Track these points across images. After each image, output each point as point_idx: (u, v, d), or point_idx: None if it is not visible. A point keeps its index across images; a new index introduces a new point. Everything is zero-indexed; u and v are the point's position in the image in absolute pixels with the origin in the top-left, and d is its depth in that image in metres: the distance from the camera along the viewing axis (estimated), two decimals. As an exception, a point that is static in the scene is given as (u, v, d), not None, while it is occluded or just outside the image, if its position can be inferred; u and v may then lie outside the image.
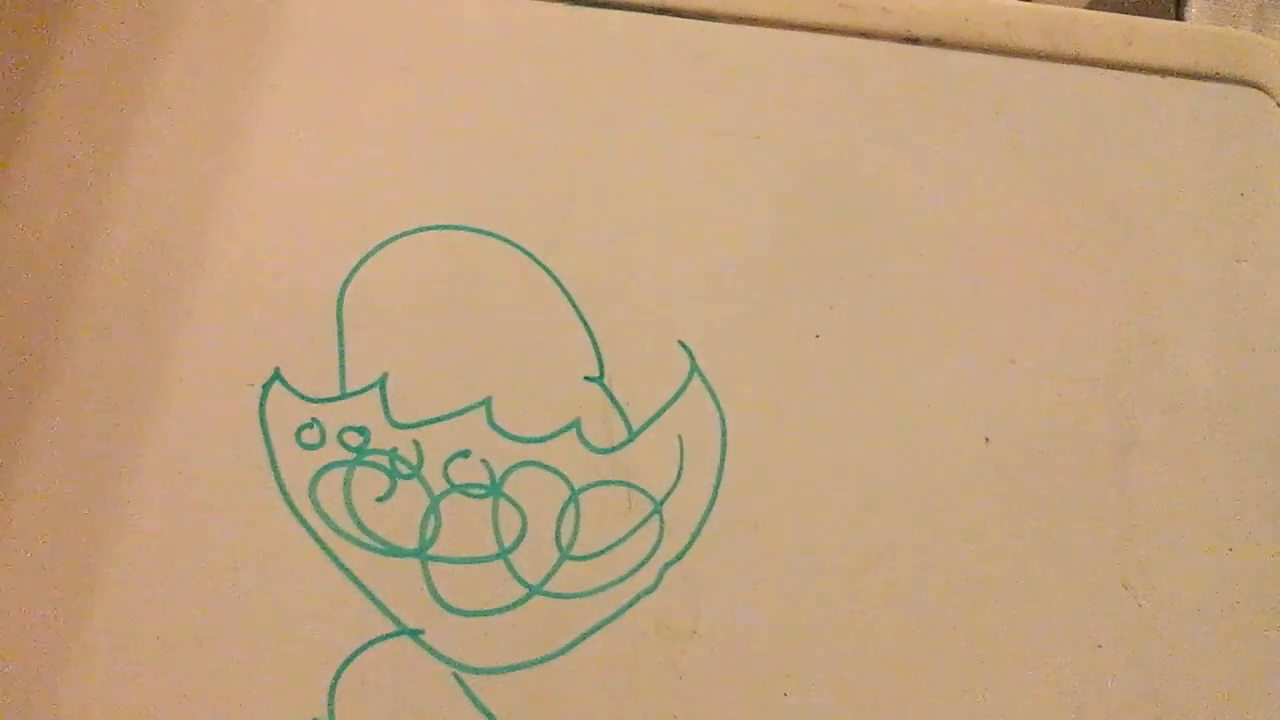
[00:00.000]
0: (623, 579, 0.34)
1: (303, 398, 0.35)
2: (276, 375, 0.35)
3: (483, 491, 0.34)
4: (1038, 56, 0.43)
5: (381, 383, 0.35)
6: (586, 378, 0.36)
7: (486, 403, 0.36)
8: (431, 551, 0.34)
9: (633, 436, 0.36)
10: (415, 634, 0.33)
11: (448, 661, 0.32)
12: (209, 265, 0.36)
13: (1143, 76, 0.43)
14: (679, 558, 0.34)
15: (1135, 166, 0.42)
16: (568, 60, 0.40)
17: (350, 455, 0.34)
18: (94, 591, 0.32)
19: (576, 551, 0.34)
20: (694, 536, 0.35)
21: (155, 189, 0.37)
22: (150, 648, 0.32)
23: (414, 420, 0.35)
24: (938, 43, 0.43)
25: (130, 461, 0.34)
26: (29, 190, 0.37)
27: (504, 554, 0.34)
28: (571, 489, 0.35)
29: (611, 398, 0.36)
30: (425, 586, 0.33)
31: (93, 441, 0.34)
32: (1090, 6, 0.52)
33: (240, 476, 0.34)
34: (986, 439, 0.37)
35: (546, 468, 0.35)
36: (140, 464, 0.34)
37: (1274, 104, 0.43)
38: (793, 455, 0.36)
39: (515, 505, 0.34)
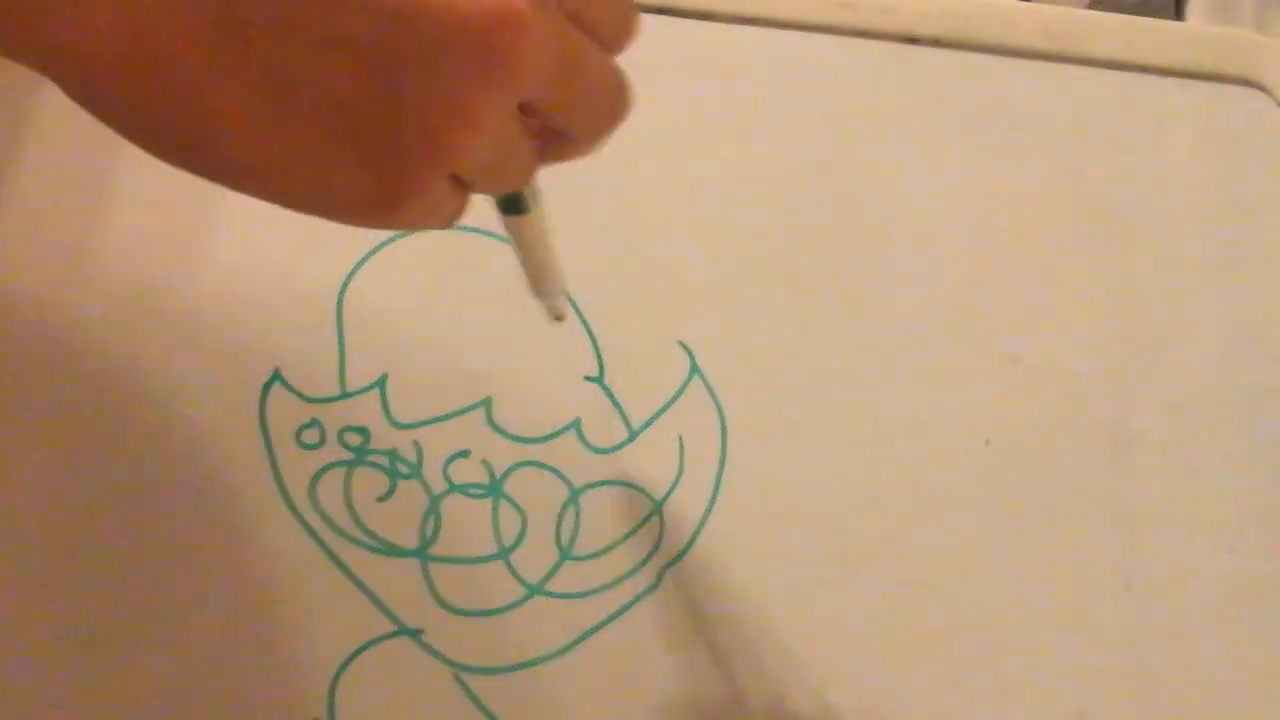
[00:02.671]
0: (623, 579, 0.34)
1: (303, 398, 0.35)
2: (276, 375, 0.35)
3: (483, 491, 0.34)
4: (1038, 56, 0.43)
5: (381, 383, 0.35)
6: (586, 378, 0.36)
7: (486, 403, 0.36)
8: (431, 551, 0.34)
9: (633, 436, 0.36)
10: (415, 634, 0.33)
11: (448, 661, 0.32)
12: (209, 265, 0.36)
13: (1143, 76, 0.43)
14: (679, 558, 0.34)
15: (1135, 166, 0.42)
16: (568, 60, 0.40)
17: (350, 455, 0.34)
18: (94, 591, 0.32)
19: (576, 551, 0.34)
20: (694, 536, 0.35)
21: (155, 188, 0.37)
22: (150, 647, 0.32)
23: (414, 420, 0.35)
24: (938, 43, 0.43)
25: (131, 462, 0.34)
26: (29, 190, 0.37)
27: (504, 554, 0.34)
28: (571, 489, 0.35)
29: (611, 398, 0.36)
30: (425, 586, 0.33)
31: (93, 442, 0.34)
32: (1090, 6, 0.52)
33: (240, 476, 0.34)
34: (986, 440, 0.37)
35: (546, 468, 0.35)
36: (141, 464, 0.34)
37: (1274, 104, 0.43)
38: (793, 455, 0.36)
39: (515, 505, 0.34)
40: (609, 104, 0.24)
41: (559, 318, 0.33)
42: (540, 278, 0.30)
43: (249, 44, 0.19)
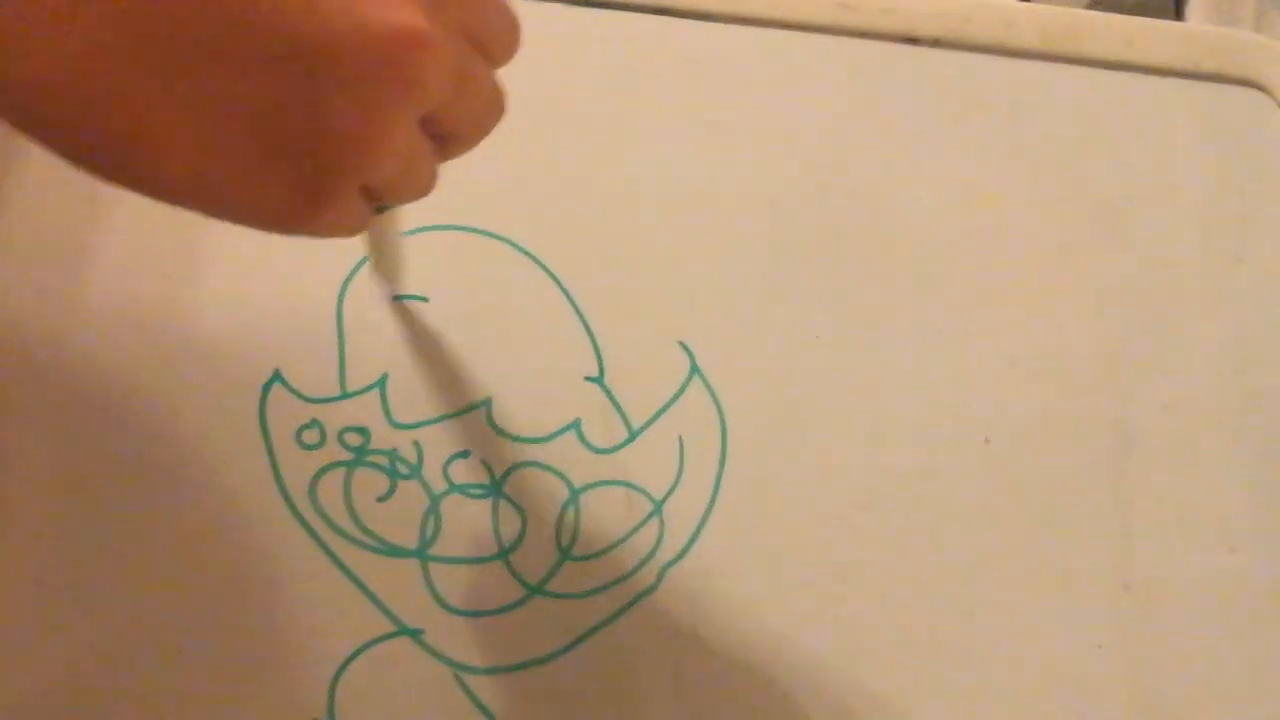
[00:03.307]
0: (623, 579, 0.34)
1: (303, 398, 0.35)
2: (276, 375, 0.35)
3: (483, 491, 0.34)
4: (1038, 56, 0.43)
5: (381, 383, 0.35)
6: (586, 378, 0.36)
7: (486, 403, 0.36)
8: (431, 551, 0.34)
9: (633, 436, 0.36)
10: (415, 634, 0.33)
11: (448, 662, 0.32)
12: (209, 265, 0.36)
13: (1143, 76, 0.43)
14: (679, 558, 0.34)
15: (1135, 166, 0.42)
16: (568, 60, 0.40)
17: (350, 455, 0.34)
18: (94, 592, 0.32)
19: (576, 551, 0.34)
20: (694, 536, 0.35)
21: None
22: (150, 648, 0.32)
23: (414, 420, 0.35)
24: (938, 43, 0.43)
25: (131, 462, 0.34)
26: (29, 190, 0.37)
27: (504, 554, 0.34)
28: (571, 489, 0.35)
29: (611, 398, 0.36)
30: (425, 586, 0.33)
31: (93, 442, 0.34)
32: (1090, 6, 0.52)
33: (240, 476, 0.34)
34: (986, 439, 0.37)
35: (546, 468, 0.35)
36: (141, 464, 0.34)
37: (1274, 104, 0.43)
38: (793, 455, 0.36)
39: (515, 505, 0.34)
40: (491, 111, 0.26)
41: (396, 296, 0.36)
42: (389, 265, 0.34)
43: (175, 68, 0.20)
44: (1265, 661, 0.35)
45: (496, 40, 0.25)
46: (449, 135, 0.25)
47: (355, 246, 0.37)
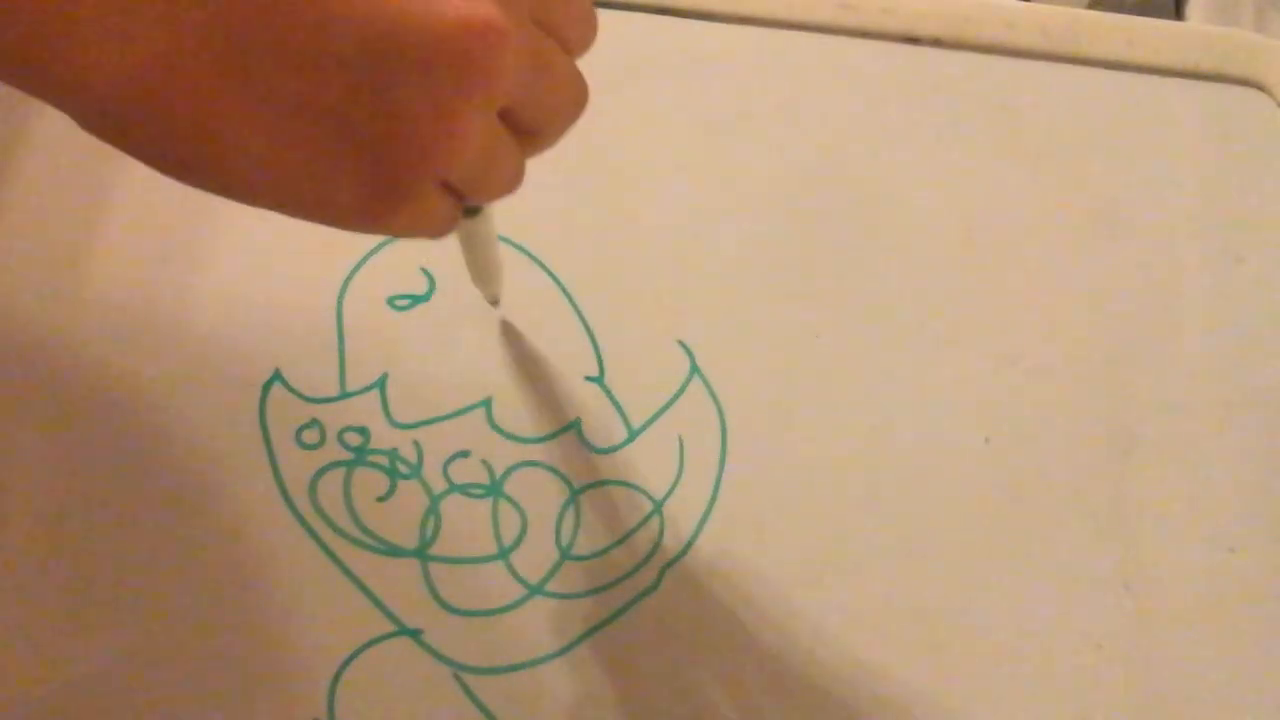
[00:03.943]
0: (623, 579, 0.34)
1: (303, 398, 0.35)
2: (276, 375, 0.35)
3: (483, 491, 0.34)
4: (1038, 56, 0.43)
5: (381, 383, 0.35)
6: (586, 378, 0.36)
7: (486, 403, 0.36)
8: (431, 551, 0.34)
9: (633, 436, 0.36)
10: (415, 634, 0.33)
11: (448, 662, 0.32)
12: (209, 265, 0.36)
13: (1143, 76, 0.43)
14: (679, 558, 0.34)
15: (1135, 166, 0.42)
16: (568, 60, 0.40)
17: (350, 455, 0.34)
18: (92, 591, 0.32)
19: (576, 551, 0.34)
20: (694, 536, 0.35)
21: (155, 189, 0.37)
22: (149, 647, 0.32)
23: (414, 420, 0.35)
24: (938, 43, 0.43)
25: (131, 461, 0.34)
26: (29, 190, 0.37)
27: (504, 554, 0.34)
28: (571, 489, 0.35)
29: (611, 398, 0.36)
30: (425, 586, 0.33)
31: (93, 442, 0.34)
32: (1090, 6, 0.52)
33: (240, 476, 0.34)
34: (986, 439, 0.37)
35: (546, 468, 0.35)
36: (140, 464, 0.34)
37: (1274, 104, 0.43)
38: (793, 455, 0.36)
39: (515, 505, 0.34)
40: (573, 101, 0.26)
41: (496, 303, 0.36)
42: (486, 272, 0.33)
43: (249, 70, 0.20)
44: (1265, 661, 0.35)
45: (573, 27, 0.24)
46: (530, 128, 0.25)
47: (355, 246, 0.37)
